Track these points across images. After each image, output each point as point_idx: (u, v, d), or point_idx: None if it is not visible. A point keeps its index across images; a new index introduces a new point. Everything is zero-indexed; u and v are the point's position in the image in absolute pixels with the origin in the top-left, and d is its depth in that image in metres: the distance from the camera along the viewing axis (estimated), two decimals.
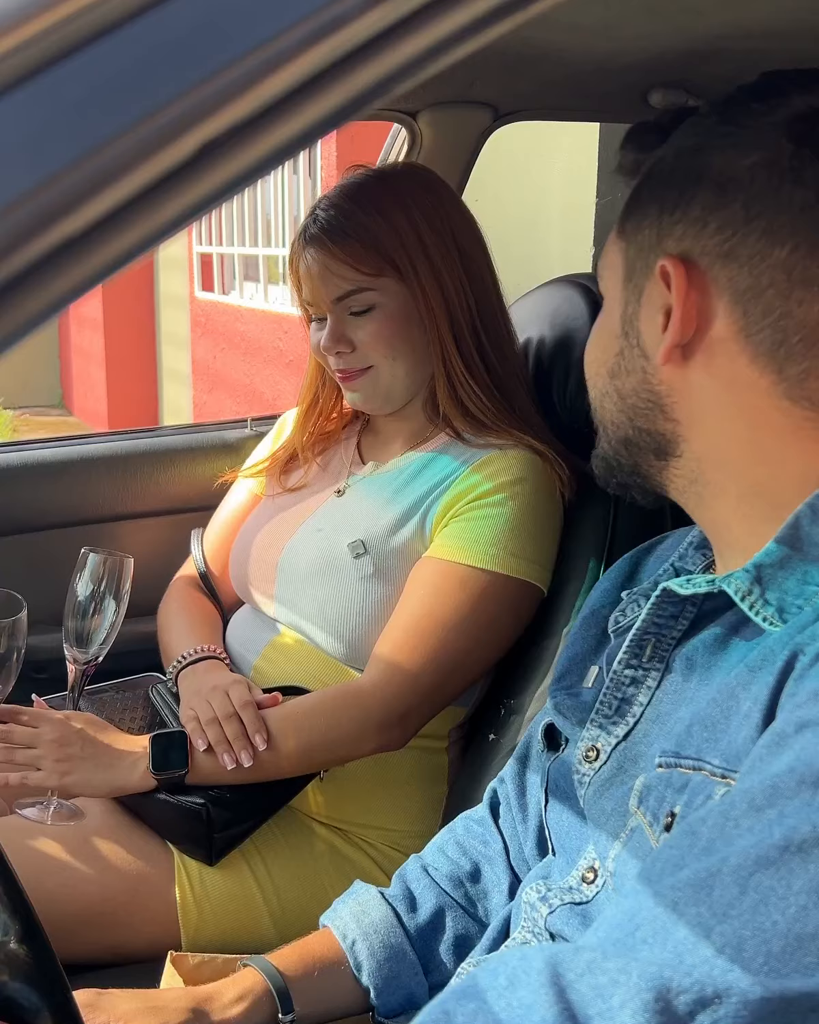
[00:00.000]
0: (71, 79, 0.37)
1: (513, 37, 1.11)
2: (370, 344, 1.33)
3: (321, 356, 1.39)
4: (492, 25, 0.42)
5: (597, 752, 0.80)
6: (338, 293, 1.32)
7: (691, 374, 0.72)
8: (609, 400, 0.79)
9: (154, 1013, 0.87)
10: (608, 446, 0.81)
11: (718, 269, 0.70)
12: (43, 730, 1.21)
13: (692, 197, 0.71)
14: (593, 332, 0.82)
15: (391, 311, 1.32)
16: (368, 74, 0.39)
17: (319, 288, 1.33)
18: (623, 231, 0.77)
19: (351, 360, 1.34)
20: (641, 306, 0.75)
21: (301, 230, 1.35)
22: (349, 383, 1.36)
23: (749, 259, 0.68)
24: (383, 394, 1.37)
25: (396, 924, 0.97)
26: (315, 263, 1.32)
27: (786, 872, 0.52)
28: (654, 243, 0.73)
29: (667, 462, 0.77)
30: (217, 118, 0.38)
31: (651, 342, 0.74)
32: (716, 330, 0.71)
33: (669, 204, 0.72)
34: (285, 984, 0.91)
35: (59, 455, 1.76)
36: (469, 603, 1.25)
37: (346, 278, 1.31)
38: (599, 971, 0.54)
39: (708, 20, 1.05)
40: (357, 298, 1.31)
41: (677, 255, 0.71)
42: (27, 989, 0.65)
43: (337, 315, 1.33)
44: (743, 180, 0.69)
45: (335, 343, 1.33)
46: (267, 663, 1.38)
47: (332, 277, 1.31)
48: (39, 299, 0.37)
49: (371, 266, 1.31)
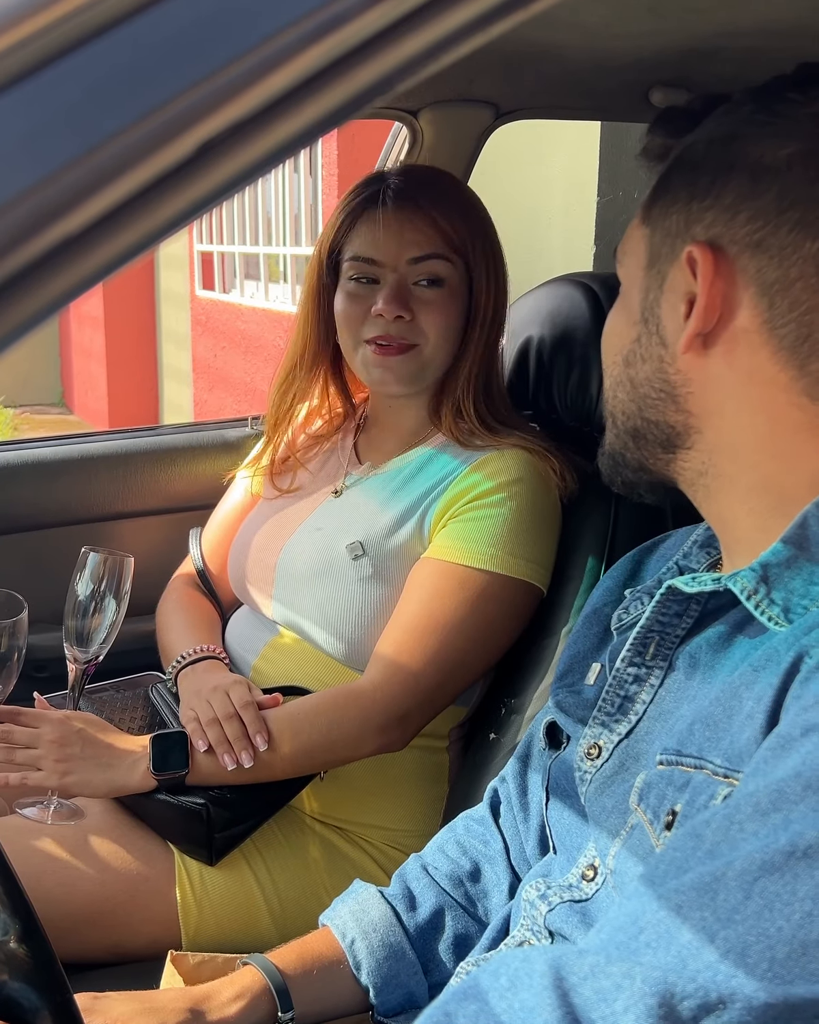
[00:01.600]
0: (70, 77, 0.37)
1: (514, 35, 1.10)
2: (430, 319, 1.29)
3: (356, 322, 1.31)
4: (493, 23, 0.42)
5: (599, 750, 0.80)
6: (417, 253, 1.28)
7: (710, 364, 0.72)
8: (622, 389, 0.78)
9: (151, 1014, 0.87)
10: (615, 438, 0.80)
11: (747, 259, 0.69)
12: (43, 730, 1.21)
13: (724, 185, 0.70)
14: (609, 319, 0.81)
15: (455, 291, 1.31)
16: (369, 72, 0.39)
17: (394, 246, 1.28)
18: (648, 217, 0.76)
19: (404, 330, 1.29)
20: (663, 292, 0.74)
21: (377, 186, 1.31)
22: (387, 357, 1.30)
23: (780, 251, 0.68)
24: (410, 377, 1.33)
25: (395, 923, 0.96)
26: (396, 219, 1.28)
27: (791, 878, 0.52)
28: (682, 229, 0.72)
29: (675, 454, 0.76)
30: (217, 116, 0.38)
31: (671, 330, 0.73)
32: (740, 321, 0.70)
33: (700, 191, 0.71)
34: (284, 982, 0.91)
35: (59, 454, 1.76)
36: (469, 604, 1.24)
37: (430, 241, 1.28)
38: (603, 975, 0.54)
39: (708, 19, 1.05)
40: (432, 264, 1.28)
41: (705, 241, 0.70)
42: (27, 989, 0.65)
43: (402, 278, 1.29)
44: (778, 170, 0.68)
45: (398, 306, 1.28)
46: (266, 663, 1.38)
47: (415, 235, 1.28)
48: (38, 298, 0.37)
49: (457, 239, 1.29)
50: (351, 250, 1.32)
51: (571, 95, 1.48)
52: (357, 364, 1.35)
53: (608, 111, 1.68)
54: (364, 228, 1.30)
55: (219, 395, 6.08)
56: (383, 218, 1.28)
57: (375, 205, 1.30)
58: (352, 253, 1.31)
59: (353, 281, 1.32)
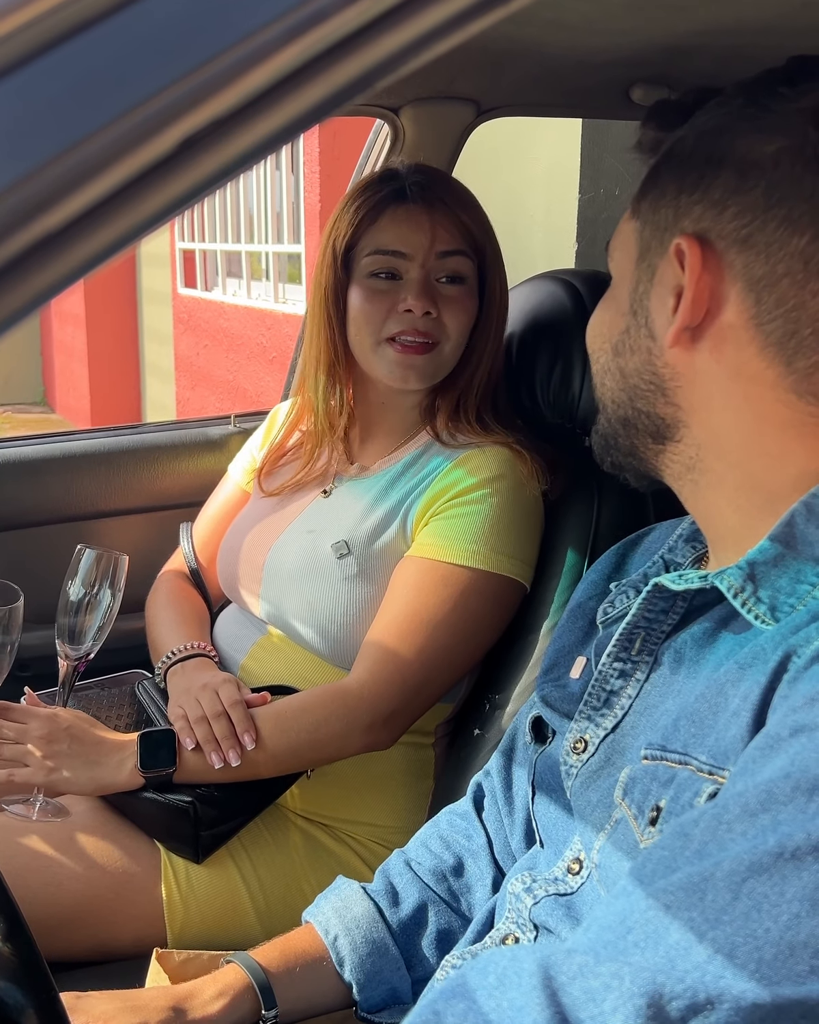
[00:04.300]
0: (51, 74, 0.37)
1: (495, 33, 1.11)
2: (452, 315, 1.30)
3: (377, 319, 1.30)
4: (473, 20, 0.42)
5: (585, 744, 0.81)
6: (446, 247, 1.28)
7: (697, 359, 0.72)
8: (610, 378, 0.78)
9: (133, 1013, 0.86)
10: (607, 424, 0.80)
11: (734, 254, 0.69)
12: (31, 726, 1.21)
13: (713, 179, 0.70)
14: (598, 307, 0.81)
15: (472, 289, 1.32)
16: (349, 68, 0.39)
17: (425, 238, 1.28)
18: (638, 210, 0.76)
19: (431, 326, 1.29)
20: (653, 286, 0.74)
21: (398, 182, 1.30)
22: (412, 355, 1.29)
23: (767, 246, 0.67)
24: (430, 375, 1.33)
25: (378, 919, 0.96)
26: (425, 215, 1.28)
27: (779, 879, 0.52)
28: (671, 222, 0.72)
29: (665, 446, 0.76)
30: (198, 112, 0.38)
31: (660, 323, 0.73)
32: (727, 316, 0.70)
33: (689, 185, 0.71)
34: (268, 980, 0.91)
35: (41, 452, 1.76)
36: (452, 600, 1.25)
37: (457, 237, 1.29)
38: (591, 975, 0.54)
39: (689, 17, 1.05)
40: (458, 260, 1.29)
41: (693, 234, 0.70)
42: (12, 987, 0.64)
43: (426, 274, 1.29)
44: (766, 166, 0.67)
45: (429, 302, 1.28)
46: (254, 662, 1.37)
47: (443, 232, 1.28)
48: (19, 294, 0.36)
49: (478, 237, 1.31)
50: (373, 244, 1.29)
51: (552, 92, 1.48)
52: (374, 361, 1.32)
53: (589, 108, 1.68)
54: (388, 222, 1.29)
55: (202, 393, 6.07)
56: (412, 212, 1.28)
57: (401, 200, 1.29)
58: (375, 247, 1.29)
59: (373, 277, 1.30)
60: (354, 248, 1.32)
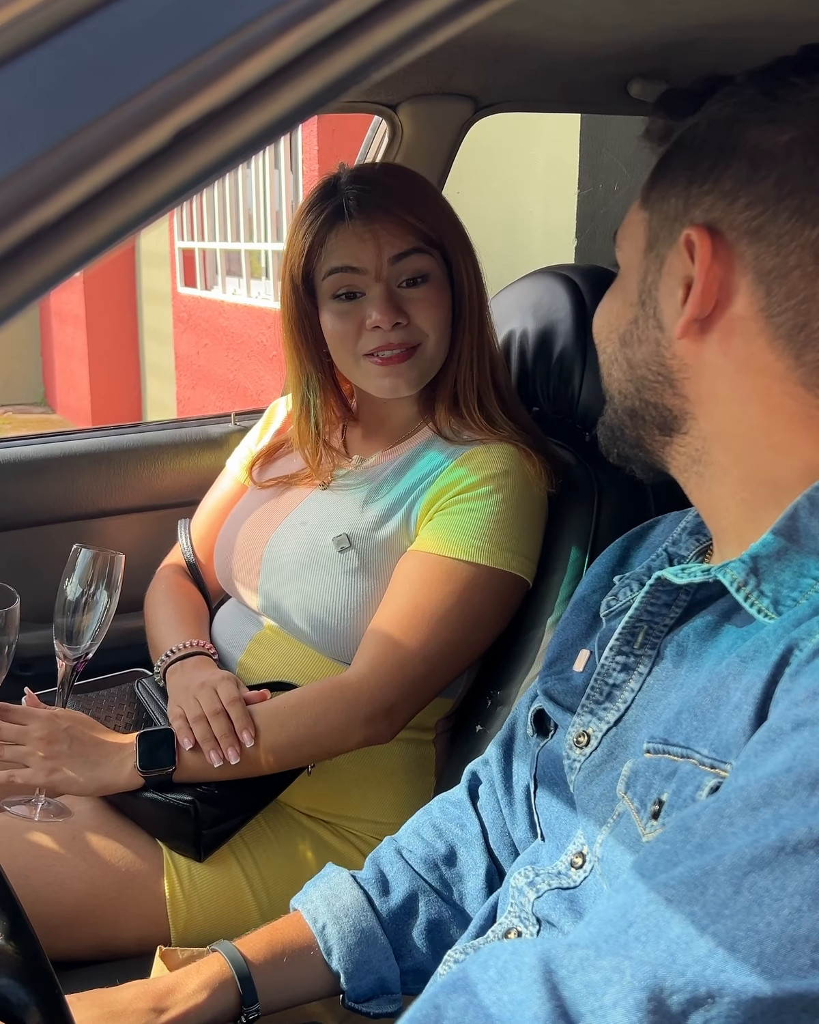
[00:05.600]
0: (46, 65, 0.37)
1: (492, 29, 1.11)
2: (424, 316, 1.29)
3: (350, 339, 1.30)
4: (468, 12, 0.42)
5: (588, 737, 0.80)
6: (397, 251, 1.27)
7: (706, 351, 0.71)
8: (618, 368, 0.78)
9: (112, 1019, 0.85)
10: (613, 415, 0.80)
11: (745, 245, 0.68)
12: (31, 727, 1.21)
13: (724, 170, 0.69)
14: (606, 297, 0.80)
15: (439, 283, 1.31)
16: (343, 60, 0.39)
17: (372, 249, 1.26)
18: (647, 200, 0.75)
19: (405, 335, 1.28)
20: (662, 276, 0.73)
21: (336, 199, 1.28)
22: (394, 366, 1.29)
23: (777, 238, 0.67)
24: (419, 378, 1.32)
25: (367, 908, 0.96)
26: (366, 228, 1.26)
27: (781, 873, 0.52)
28: (681, 213, 0.71)
29: (671, 438, 0.76)
30: (192, 104, 0.38)
31: (669, 314, 0.72)
32: (736, 307, 0.69)
33: (699, 175, 0.70)
34: (249, 972, 0.90)
35: (42, 452, 1.76)
36: (455, 595, 1.25)
37: (406, 237, 1.27)
38: (592, 968, 0.54)
39: (686, 10, 1.05)
40: (414, 260, 1.28)
41: (703, 224, 0.69)
42: (15, 986, 0.65)
43: (389, 283, 1.28)
44: (778, 156, 0.67)
45: (393, 314, 1.27)
46: (252, 659, 1.37)
47: (389, 237, 1.27)
48: (14, 288, 0.36)
49: (430, 231, 1.29)
50: (328, 265, 1.29)
51: (551, 88, 1.48)
52: (360, 378, 1.33)
53: (588, 104, 1.68)
54: (334, 243, 1.28)
55: (202, 392, 6.07)
56: (354, 228, 1.27)
57: (341, 218, 1.28)
58: (330, 267, 1.29)
59: (336, 300, 1.30)
60: (312, 272, 1.32)
